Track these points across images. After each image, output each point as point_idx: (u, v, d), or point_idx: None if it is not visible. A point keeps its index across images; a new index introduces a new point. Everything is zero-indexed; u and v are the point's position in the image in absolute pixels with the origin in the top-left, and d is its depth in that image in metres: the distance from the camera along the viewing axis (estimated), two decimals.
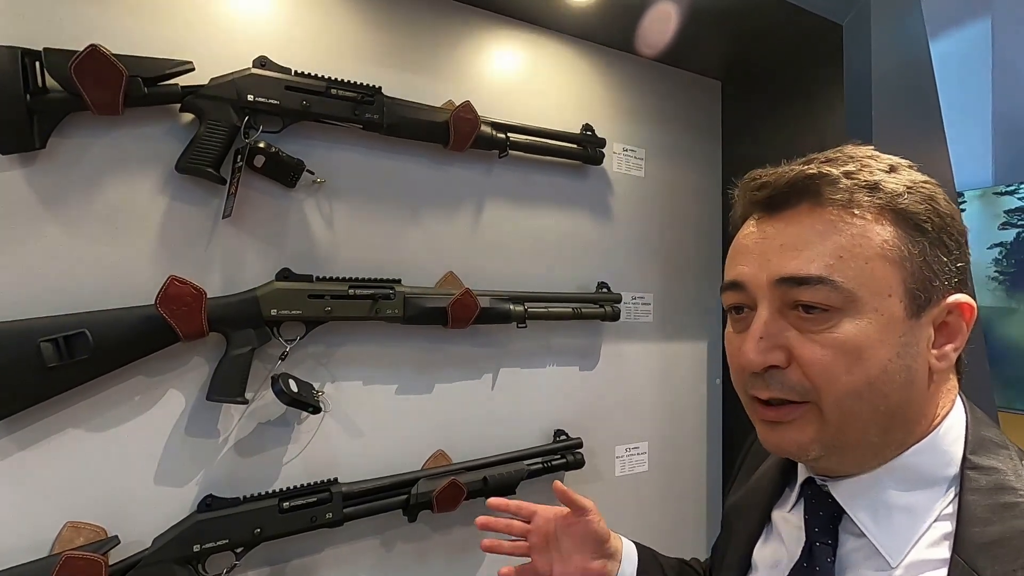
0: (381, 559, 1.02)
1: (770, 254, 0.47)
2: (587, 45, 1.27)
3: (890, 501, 0.47)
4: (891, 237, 0.44)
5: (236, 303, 0.86)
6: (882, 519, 0.47)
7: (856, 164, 0.47)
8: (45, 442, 0.78)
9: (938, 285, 0.45)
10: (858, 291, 0.44)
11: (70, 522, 0.78)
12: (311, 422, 0.96)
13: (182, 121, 0.86)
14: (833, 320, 0.44)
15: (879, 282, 0.44)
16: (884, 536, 0.47)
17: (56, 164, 0.79)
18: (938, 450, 0.48)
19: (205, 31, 0.88)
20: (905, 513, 0.47)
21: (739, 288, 0.49)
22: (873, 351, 0.43)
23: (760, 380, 0.47)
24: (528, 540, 0.74)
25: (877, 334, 0.44)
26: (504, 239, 1.16)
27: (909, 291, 0.44)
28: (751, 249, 0.49)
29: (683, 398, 1.42)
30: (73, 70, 0.73)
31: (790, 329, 0.46)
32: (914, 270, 0.44)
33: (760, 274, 0.47)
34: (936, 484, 0.47)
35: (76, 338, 0.75)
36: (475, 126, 1.05)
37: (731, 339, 0.52)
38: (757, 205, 0.50)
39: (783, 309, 0.46)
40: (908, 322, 0.44)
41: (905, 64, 1.25)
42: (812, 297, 0.44)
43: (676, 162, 1.42)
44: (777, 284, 0.46)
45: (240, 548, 0.84)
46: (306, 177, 0.93)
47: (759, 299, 0.47)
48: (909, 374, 0.45)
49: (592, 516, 0.73)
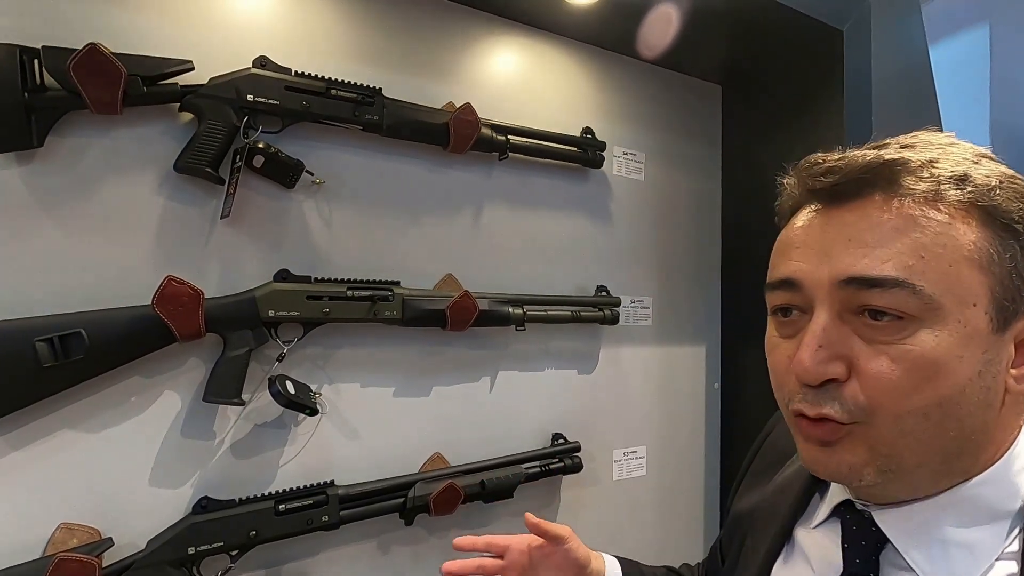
0: (377, 562, 1.01)
1: (834, 250, 0.40)
2: (588, 48, 1.27)
3: (947, 537, 0.42)
4: (979, 238, 0.38)
5: (234, 304, 0.85)
6: (937, 557, 0.42)
7: (938, 150, 0.41)
8: (39, 443, 0.77)
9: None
10: (941, 298, 0.37)
11: (64, 523, 0.77)
12: (308, 424, 0.95)
13: (181, 121, 0.85)
14: (908, 330, 0.38)
15: (965, 289, 0.37)
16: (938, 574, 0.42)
17: (54, 163, 0.78)
18: (1004, 481, 0.42)
19: (205, 30, 0.88)
20: (964, 551, 0.41)
21: (792, 287, 0.42)
22: (951, 368, 0.37)
23: (810, 394, 0.41)
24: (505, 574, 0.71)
25: (958, 349, 0.37)
26: (503, 241, 1.16)
27: (996, 301, 0.38)
28: (809, 243, 0.42)
29: (682, 402, 1.42)
30: (72, 68, 0.73)
31: (853, 337, 0.39)
32: (1003, 277, 0.38)
33: (820, 272, 0.40)
34: (999, 519, 0.42)
35: (72, 338, 0.75)
36: (475, 128, 1.04)
37: (776, 344, 0.45)
38: (819, 193, 0.43)
39: (844, 314, 0.40)
40: (992, 337, 0.38)
41: (905, 70, 1.25)
42: (886, 302, 0.38)
43: (676, 166, 1.42)
44: (842, 285, 0.39)
45: (235, 551, 0.84)
46: (305, 178, 0.93)
47: (817, 301, 0.41)
48: (987, 396, 0.39)
49: (570, 543, 0.69)
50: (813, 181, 0.43)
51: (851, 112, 1.17)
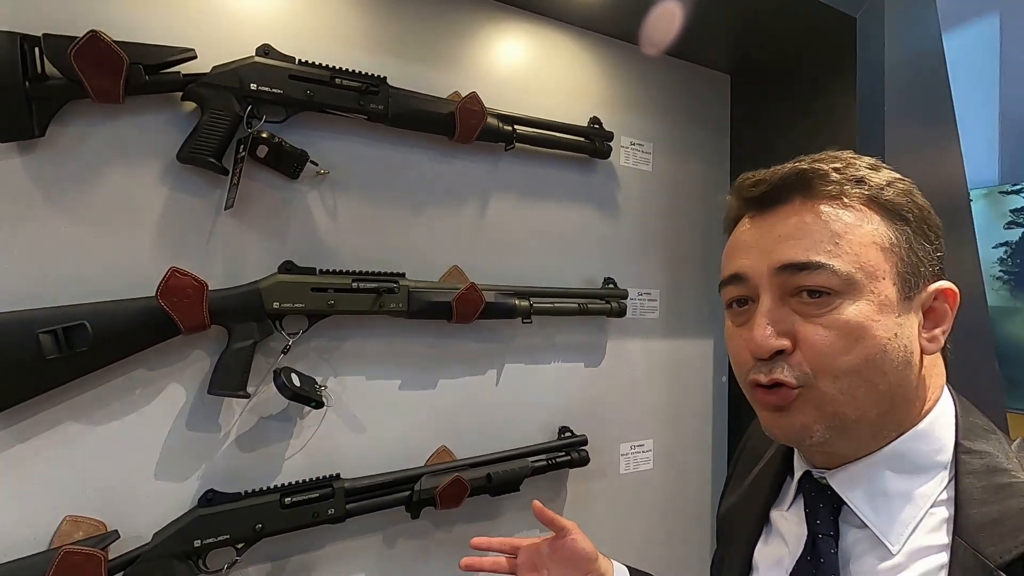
0: (383, 556, 1.01)
1: (769, 245, 0.49)
2: (595, 37, 1.25)
3: (887, 488, 0.49)
4: (879, 226, 0.48)
5: (238, 296, 0.84)
6: (880, 507, 0.49)
7: (841, 162, 0.50)
8: (44, 435, 0.77)
9: (923, 271, 0.49)
10: (855, 274, 0.46)
11: (69, 516, 0.77)
12: (313, 417, 0.94)
13: (184, 110, 0.84)
14: (834, 303, 0.46)
15: (873, 266, 0.47)
16: (884, 524, 0.49)
17: (55, 153, 0.77)
18: (931, 436, 0.50)
19: (207, 18, 0.86)
20: (902, 499, 0.49)
21: (740, 281, 0.52)
22: (872, 331, 0.46)
23: (764, 366, 0.49)
24: (517, 574, 0.76)
25: (875, 315, 0.46)
26: (510, 233, 1.14)
27: (900, 275, 0.47)
28: (749, 244, 0.52)
29: (689, 395, 1.41)
30: (73, 56, 0.72)
31: (793, 315, 0.48)
32: (902, 256, 0.48)
33: (761, 264, 0.50)
34: (931, 469, 0.49)
35: (75, 330, 0.74)
36: (481, 118, 1.03)
37: (732, 333, 0.54)
38: (751, 202, 0.53)
39: (784, 297, 0.49)
40: (901, 305, 0.47)
41: (918, 58, 1.23)
42: (814, 281, 0.47)
43: (684, 156, 1.40)
44: (779, 272, 0.48)
45: (241, 544, 0.83)
46: (309, 168, 0.92)
47: (761, 289, 0.50)
48: (905, 355, 0.47)
49: (575, 535, 0.75)
50: (746, 192, 0.53)
51: (863, 101, 1.15)
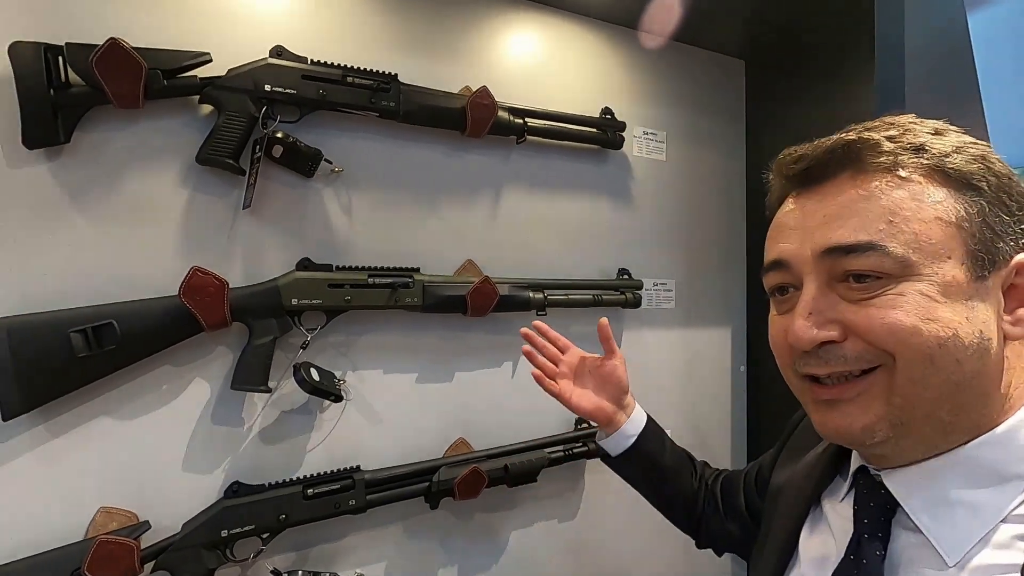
0: (403, 545, 1.03)
1: (813, 227, 0.44)
2: (606, 26, 1.24)
3: (951, 497, 0.43)
4: (944, 198, 0.41)
5: (257, 293, 0.87)
6: (941, 515, 0.43)
7: (898, 129, 0.44)
8: (78, 430, 0.80)
9: (1003, 247, 0.42)
10: (912, 255, 0.41)
11: (103, 507, 0.80)
12: (333, 410, 0.97)
13: (201, 113, 0.86)
14: (888, 286, 0.41)
15: (936, 245, 0.41)
16: (942, 532, 0.43)
17: (80, 158, 0.80)
18: (1012, 443, 0.43)
19: (221, 21, 0.88)
20: (968, 510, 0.42)
21: (782, 267, 0.46)
22: (938, 312, 0.40)
23: (814, 357, 0.44)
24: (558, 367, 0.83)
25: (939, 297, 0.40)
26: (523, 226, 1.15)
27: (971, 252, 0.41)
28: (792, 226, 0.46)
29: (707, 386, 1.40)
30: (94, 64, 0.74)
31: (841, 302, 0.43)
32: (974, 231, 0.41)
33: (803, 249, 0.44)
34: (1007, 481, 0.42)
35: (104, 328, 0.77)
36: (492, 112, 1.03)
37: (775, 322, 0.49)
38: (794, 180, 0.47)
39: (831, 283, 0.43)
40: (973, 285, 0.41)
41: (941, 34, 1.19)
42: (863, 265, 0.41)
43: (699, 145, 1.38)
44: (823, 256, 0.43)
45: (266, 534, 0.86)
46: (324, 166, 0.93)
47: (805, 275, 0.45)
48: (982, 341, 0.41)
49: (618, 362, 0.81)
50: (787, 169, 0.47)
51: (883, 82, 1.12)
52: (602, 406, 0.79)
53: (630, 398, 0.82)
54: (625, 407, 0.80)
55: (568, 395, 0.80)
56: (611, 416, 0.79)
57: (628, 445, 0.78)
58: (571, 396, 0.80)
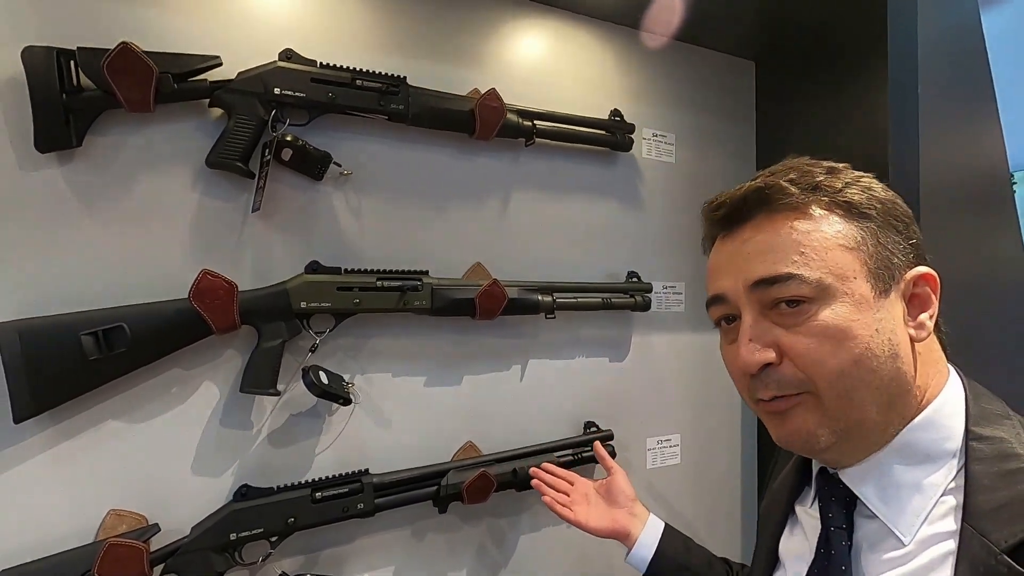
0: (412, 549, 1.02)
1: (741, 264, 0.51)
2: (615, 28, 1.24)
3: (897, 480, 0.50)
4: (843, 227, 0.49)
5: (266, 296, 0.87)
6: (891, 498, 0.49)
7: (797, 172, 0.52)
8: (88, 432, 0.80)
9: (897, 262, 0.49)
10: (825, 279, 0.48)
11: (113, 510, 0.80)
12: (342, 414, 0.96)
13: (211, 116, 0.87)
14: (811, 310, 0.48)
15: (842, 268, 0.48)
16: (895, 515, 0.49)
17: (92, 161, 0.80)
18: (937, 424, 0.50)
19: (231, 25, 0.88)
20: (912, 490, 0.49)
21: (722, 301, 0.54)
22: (853, 331, 0.47)
23: (759, 382, 0.51)
24: (570, 496, 0.92)
25: (853, 315, 0.47)
26: (532, 228, 1.14)
27: (871, 272, 0.48)
28: (724, 264, 0.54)
29: (716, 390, 1.39)
30: (106, 68, 0.75)
31: (775, 328, 0.49)
32: (871, 252, 0.49)
33: (736, 284, 0.51)
34: (940, 459, 0.49)
35: (114, 331, 0.77)
36: (501, 114, 1.03)
37: (726, 351, 0.56)
38: (718, 224, 0.55)
39: (763, 310, 0.50)
40: (879, 300, 0.48)
41: (954, 35, 1.18)
42: (786, 292, 0.48)
43: (708, 147, 1.37)
44: (753, 288, 0.50)
45: (274, 537, 0.86)
46: (333, 169, 0.93)
47: (742, 306, 0.51)
48: (892, 347, 0.48)
49: (619, 476, 0.92)
50: (712, 215, 0.55)
51: (895, 82, 1.11)
52: (616, 518, 0.87)
53: (641, 507, 0.89)
54: (637, 515, 0.87)
55: (585, 520, 0.88)
56: (627, 527, 0.85)
57: (653, 551, 0.82)
58: (588, 520, 0.87)
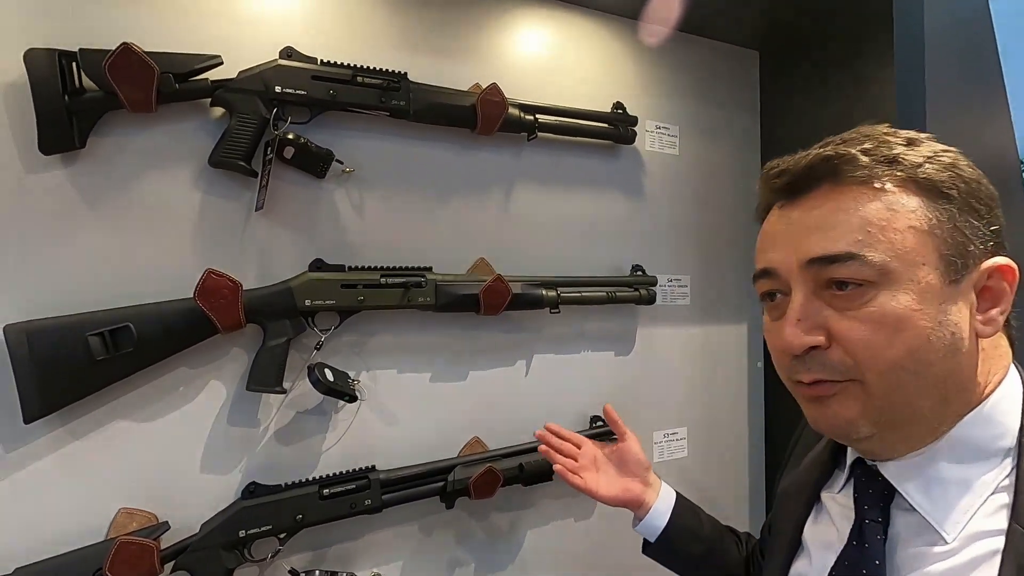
0: (420, 545, 1.03)
1: (798, 238, 0.48)
2: (616, 19, 1.23)
3: (943, 476, 0.47)
4: (917, 207, 0.45)
5: (271, 294, 0.87)
6: (936, 496, 0.47)
7: (873, 141, 0.47)
8: (97, 432, 0.81)
9: (973, 250, 0.45)
10: (890, 263, 0.44)
11: (123, 508, 0.81)
12: (348, 410, 0.97)
13: (213, 115, 0.87)
14: (869, 295, 0.44)
15: (911, 252, 0.44)
16: (939, 512, 0.46)
17: (96, 163, 0.81)
18: (991, 421, 0.47)
19: (231, 23, 0.88)
20: (961, 487, 0.46)
21: (771, 275, 0.50)
22: (912, 321, 0.43)
23: (801, 363, 0.47)
24: (578, 461, 0.85)
25: (915, 304, 0.43)
26: (535, 223, 1.14)
27: (943, 258, 0.44)
28: (778, 236, 0.50)
29: (723, 382, 1.39)
30: (107, 69, 0.75)
31: (826, 308, 0.46)
32: (945, 237, 0.44)
33: (790, 258, 0.48)
34: (991, 456, 0.46)
35: (121, 332, 0.78)
36: (502, 109, 1.03)
37: (769, 327, 0.52)
38: (778, 193, 0.51)
39: (817, 290, 0.47)
40: (946, 289, 0.44)
41: (962, 22, 1.16)
42: (844, 273, 0.44)
43: (712, 138, 1.36)
44: (808, 265, 0.46)
45: (283, 534, 0.86)
46: (335, 167, 0.93)
47: (792, 283, 0.48)
48: (954, 342, 0.44)
49: (632, 442, 0.85)
50: (771, 183, 0.51)
51: (902, 72, 1.09)
52: (629, 487, 0.81)
53: (654, 476, 0.83)
54: (651, 484, 0.82)
55: (595, 487, 0.81)
56: (640, 496, 0.80)
57: (665, 523, 0.78)
58: (598, 488, 0.81)
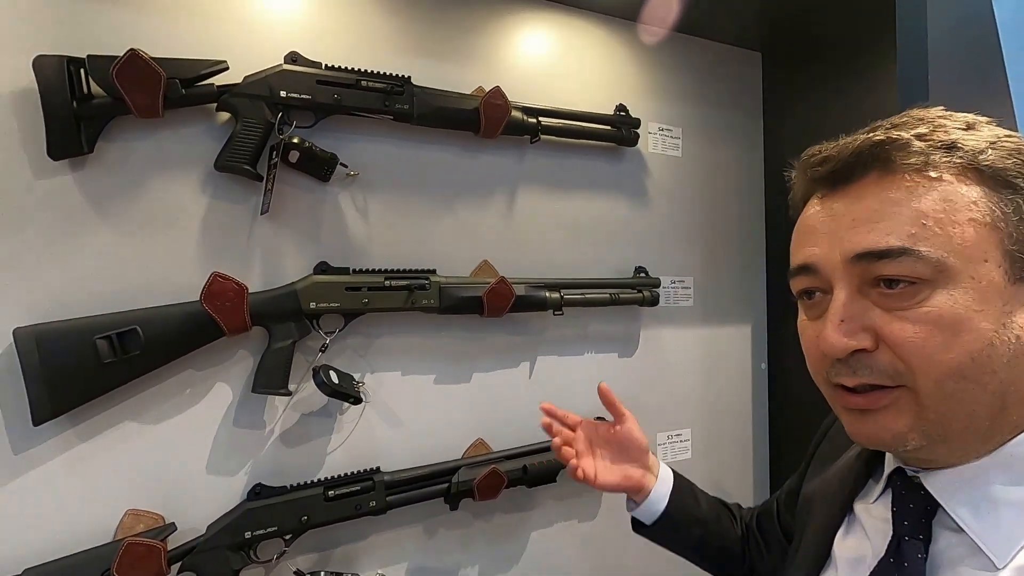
0: (424, 546, 1.03)
1: (842, 231, 0.42)
2: (618, 22, 1.23)
3: (995, 496, 0.42)
4: (979, 197, 0.40)
5: (276, 297, 0.87)
6: (986, 515, 0.42)
7: (928, 125, 0.42)
8: (105, 434, 0.82)
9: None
10: (948, 259, 0.39)
11: (131, 510, 0.82)
12: (353, 412, 0.97)
13: (219, 120, 0.88)
14: (923, 293, 0.39)
15: (971, 247, 0.39)
16: (988, 533, 0.41)
17: (104, 168, 0.82)
18: None
19: (237, 29, 0.89)
20: (1015, 509, 0.41)
21: (810, 271, 0.45)
22: (973, 323, 0.38)
23: (845, 367, 0.43)
24: (574, 447, 0.78)
25: (976, 304, 0.38)
26: (538, 226, 1.14)
27: (1008, 253, 0.39)
28: (819, 228, 0.44)
29: (727, 384, 1.38)
30: (115, 75, 0.76)
31: (873, 308, 0.41)
32: (1011, 230, 0.39)
33: (833, 253, 0.43)
34: None
35: (128, 335, 0.78)
36: (505, 112, 1.03)
37: (805, 327, 0.47)
38: (820, 182, 0.46)
39: (863, 288, 0.42)
40: (1010, 288, 0.39)
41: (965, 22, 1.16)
42: (896, 270, 0.40)
43: (715, 140, 1.37)
44: (854, 261, 0.41)
45: (288, 535, 0.87)
46: (340, 171, 0.94)
47: (835, 280, 0.43)
48: (1019, 346, 0.39)
49: (631, 424, 0.78)
50: (812, 171, 0.46)
51: (905, 72, 1.09)
52: (628, 473, 0.75)
53: (653, 458, 0.78)
54: (650, 468, 0.77)
55: (592, 476, 0.75)
56: (640, 481, 0.75)
57: (663, 507, 0.74)
58: (596, 476, 0.75)
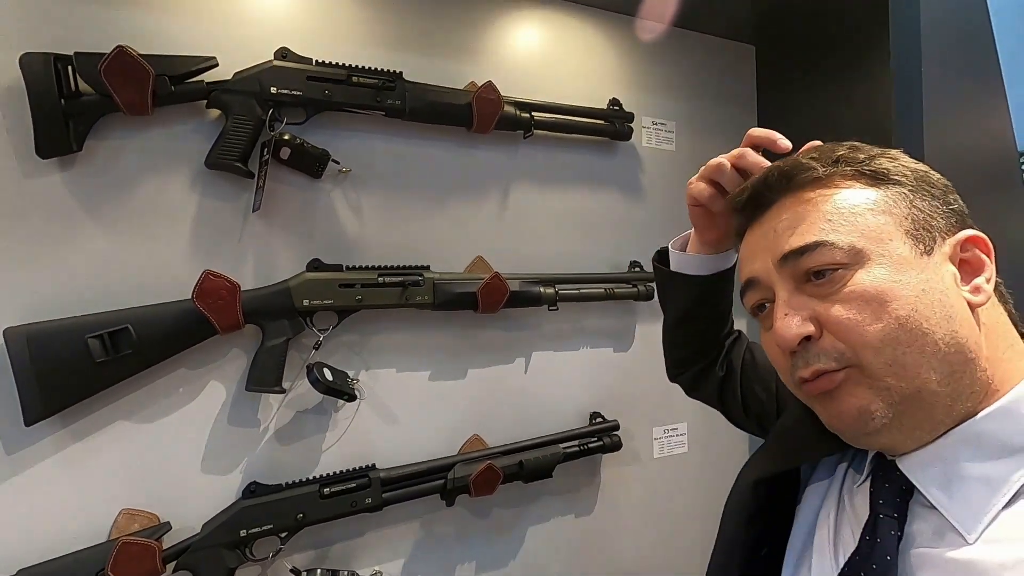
0: (421, 542, 1.03)
1: (770, 243, 0.50)
2: (611, 16, 1.23)
3: (964, 472, 0.44)
4: (872, 193, 0.47)
5: (269, 295, 0.87)
6: (956, 491, 0.44)
7: (818, 151, 0.51)
8: (98, 434, 0.81)
9: (937, 224, 0.47)
10: (858, 242, 0.45)
11: (125, 509, 0.81)
12: (347, 409, 0.97)
13: (209, 117, 0.87)
14: (846, 276, 0.45)
15: (875, 231, 0.46)
16: (958, 509, 0.44)
17: (93, 166, 0.81)
18: (1015, 415, 0.44)
19: (226, 25, 0.89)
20: (983, 484, 0.44)
21: (755, 285, 0.52)
22: (895, 292, 0.44)
23: (800, 359, 0.47)
24: None
25: (893, 276, 0.44)
26: (532, 221, 1.14)
27: (908, 232, 0.46)
28: (754, 248, 0.52)
29: None
30: (103, 72, 0.75)
31: (811, 299, 0.47)
32: (904, 215, 0.46)
33: (767, 263, 0.50)
34: (1016, 453, 0.44)
35: (120, 334, 0.78)
36: (498, 107, 1.03)
37: (766, 339, 0.53)
38: (745, 212, 0.53)
39: (799, 285, 0.48)
40: (920, 260, 0.45)
41: (958, 15, 1.16)
42: (818, 261, 0.46)
43: (709, 134, 1.36)
44: (784, 262, 0.48)
45: (284, 533, 0.87)
46: (332, 167, 0.94)
47: (775, 284, 0.49)
48: (945, 309, 0.44)
49: None
50: (736, 204, 0.54)
51: (898, 66, 1.09)
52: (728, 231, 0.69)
53: None
54: None
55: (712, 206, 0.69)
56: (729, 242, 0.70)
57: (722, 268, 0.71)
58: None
